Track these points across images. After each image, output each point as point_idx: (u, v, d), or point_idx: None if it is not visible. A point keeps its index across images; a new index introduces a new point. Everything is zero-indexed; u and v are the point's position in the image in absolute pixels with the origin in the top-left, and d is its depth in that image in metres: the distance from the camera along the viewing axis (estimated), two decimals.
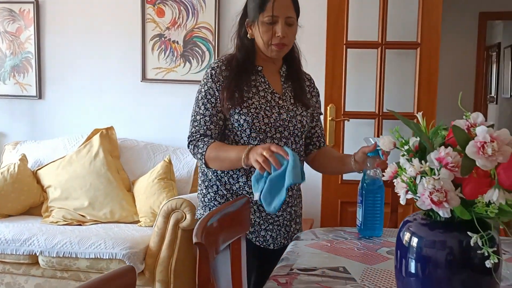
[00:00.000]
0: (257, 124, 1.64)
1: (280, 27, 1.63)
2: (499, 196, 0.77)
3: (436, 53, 2.99)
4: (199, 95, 1.69)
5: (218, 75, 1.67)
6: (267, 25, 1.64)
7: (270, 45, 1.65)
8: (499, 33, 8.45)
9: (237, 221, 1.33)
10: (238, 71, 1.67)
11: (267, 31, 1.64)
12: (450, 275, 0.88)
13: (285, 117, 1.69)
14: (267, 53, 1.68)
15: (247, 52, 1.70)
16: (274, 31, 1.64)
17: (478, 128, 0.80)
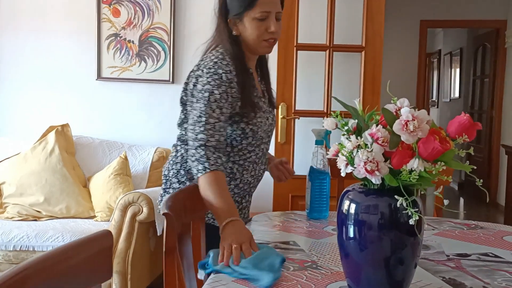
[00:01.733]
0: (259, 133, 1.67)
1: (272, 22, 1.61)
2: (419, 164, 0.94)
3: (380, 57, 3.21)
4: (211, 97, 1.55)
5: (232, 79, 1.58)
6: (258, 21, 1.60)
7: (261, 41, 1.62)
8: (440, 40, 8.93)
9: (197, 201, 1.45)
10: (244, 76, 1.62)
11: (259, 27, 1.60)
12: (381, 235, 1.03)
13: (271, 121, 1.75)
14: (257, 49, 1.65)
15: (241, 55, 1.65)
16: (266, 26, 1.61)
17: (402, 109, 0.97)
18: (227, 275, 1.17)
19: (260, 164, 1.76)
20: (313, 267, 1.25)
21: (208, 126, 1.54)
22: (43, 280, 0.80)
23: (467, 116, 0.99)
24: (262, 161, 1.77)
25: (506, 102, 5.99)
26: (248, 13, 1.60)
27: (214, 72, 1.57)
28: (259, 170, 1.77)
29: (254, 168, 1.73)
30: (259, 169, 1.76)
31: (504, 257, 1.36)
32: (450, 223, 1.73)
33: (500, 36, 6.05)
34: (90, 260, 0.91)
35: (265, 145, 1.76)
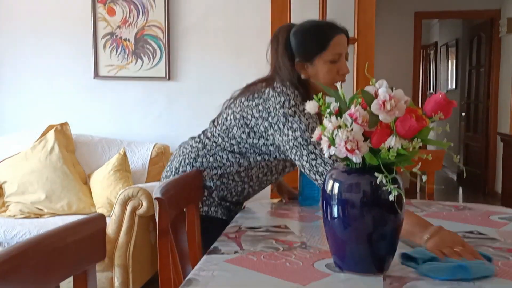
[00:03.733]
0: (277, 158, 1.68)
1: (344, 64, 1.60)
2: (396, 141, 0.98)
3: (372, 48, 3.24)
4: (292, 110, 1.53)
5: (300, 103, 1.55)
6: (330, 63, 1.58)
7: (332, 84, 1.51)
8: (436, 32, 8.96)
9: (192, 190, 1.50)
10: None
11: (331, 69, 1.58)
12: (364, 212, 1.08)
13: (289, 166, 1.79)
14: (328, 90, 1.50)
15: (308, 96, 1.56)
16: (337, 68, 1.59)
17: (380, 89, 1.01)
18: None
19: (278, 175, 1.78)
20: (302, 247, 1.29)
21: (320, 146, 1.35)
22: (39, 259, 0.84)
23: (443, 95, 1.03)
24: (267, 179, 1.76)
25: (501, 91, 6.03)
26: (321, 56, 1.58)
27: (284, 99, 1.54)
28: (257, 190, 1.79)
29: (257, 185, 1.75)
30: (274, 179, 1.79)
31: (488, 234, 1.41)
32: (439, 205, 1.77)
33: (494, 25, 6.08)
34: (84, 241, 0.96)
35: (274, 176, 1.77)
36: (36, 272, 0.81)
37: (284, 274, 1.10)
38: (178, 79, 3.44)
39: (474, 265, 1.07)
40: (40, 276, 0.82)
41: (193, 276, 1.08)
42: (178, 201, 1.39)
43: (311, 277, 1.09)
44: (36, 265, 0.82)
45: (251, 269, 1.14)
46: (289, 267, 1.15)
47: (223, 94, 3.34)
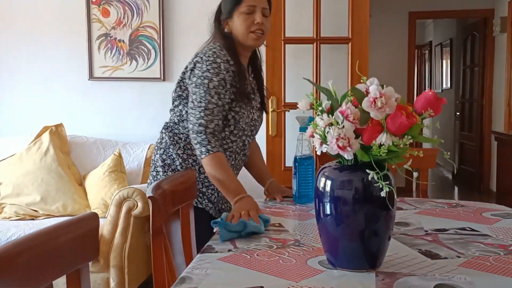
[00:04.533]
0: (241, 123, 1.78)
1: (258, 15, 1.76)
2: (387, 138, 0.99)
3: (366, 47, 3.26)
4: (209, 84, 1.70)
5: (229, 68, 1.73)
6: (245, 14, 1.76)
7: (249, 33, 1.76)
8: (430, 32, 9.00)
9: (186, 188, 1.50)
10: (239, 67, 1.76)
11: (246, 19, 1.76)
12: (356, 209, 1.09)
13: (256, 117, 1.87)
14: (245, 41, 1.78)
15: (235, 50, 1.79)
16: (252, 19, 1.76)
17: (370, 87, 1.02)
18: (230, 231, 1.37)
19: (242, 155, 1.89)
20: (295, 245, 1.30)
21: (207, 112, 1.69)
22: (32, 257, 0.84)
23: (432, 92, 1.04)
24: (243, 153, 1.89)
25: (495, 90, 6.06)
26: (237, 9, 1.77)
27: (213, 61, 1.72)
28: (239, 161, 1.89)
29: (235, 158, 1.85)
30: (239, 159, 1.88)
31: (480, 231, 1.42)
32: (432, 203, 1.78)
33: (488, 25, 6.11)
34: (77, 240, 0.96)
35: (247, 137, 1.87)
36: (29, 270, 0.81)
37: (278, 272, 1.11)
38: (173, 80, 3.43)
39: (251, 224, 1.39)
40: (33, 275, 0.82)
41: (186, 274, 1.09)
42: (172, 200, 1.39)
43: (304, 274, 1.09)
44: (29, 263, 0.82)
45: (244, 267, 1.15)
46: (283, 265, 1.15)
47: None
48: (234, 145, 1.82)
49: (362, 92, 1.04)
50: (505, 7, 5.58)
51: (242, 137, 1.83)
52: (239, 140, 1.82)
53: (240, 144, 1.84)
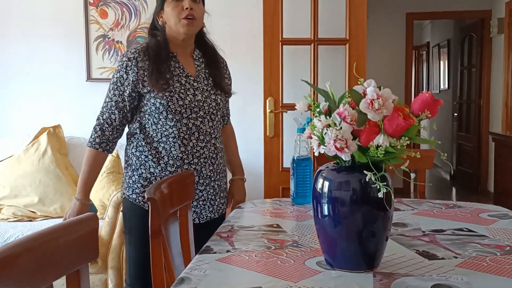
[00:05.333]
0: (172, 107, 1.77)
1: (187, 1, 1.78)
2: (384, 139, 1.00)
3: (363, 49, 3.26)
4: (111, 81, 1.82)
5: (133, 66, 1.78)
6: (174, 2, 1.78)
7: (180, 20, 1.78)
8: (428, 33, 9.02)
9: (184, 189, 1.51)
10: (155, 60, 1.78)
11: (175, 7, 1.78)
12: (354, 210, 1.09)
13: (200, 98, 1.83)
14: (178, 30, 1.80)
15: (160, 41, 1.82)
16: (181, 6, 1.78)
17: (368, 89, 1.03)
18: None
19: (194, 140, 1.82)
20: (293, 245, 1.31)
21: (104, 104, 1.83)
22: (32, 258, 0.85)
23: (429, 94, 1.05)
24: (195, 137, 1.83)
25: (493, 91, 6.08)
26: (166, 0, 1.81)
27: (120, 60, 1.82)
28: (194, 147, 1.82)
29: (184, 144, 1.81)
30: (193, 145, 1.82)
31: (477, 231, 1.42)
32: (429, 204, 1.79)
33: (485, 26, 6.13)
34: (77, 240, 0.97)
35: (191, 120, 1.81)
36: (29, 271, 0.81)
37: (276, 272, 1.12)
38: None
39: None
40: (33, 276, 0.82)
41: (185, 275, 1.09)
42: (171, 201, 1.40)
43: (302, 275, 1.10)
44: (29, 264, 0.83)
45: (243, 267, 1.15)
46: (281, 265, 1.16)
47: None
48: (174, 130, 1.79)
49: (360, 93, 1.05)
50: (502, 8, 5.60)
51: (183, 120, 1.79)
52: (180, 124, 1.79)
53: (183, 128, 1.80)
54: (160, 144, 1.81)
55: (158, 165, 1.80)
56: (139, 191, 1.82)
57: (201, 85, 1.87)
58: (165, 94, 1.77)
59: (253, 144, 3.45)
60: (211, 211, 1.87)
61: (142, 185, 1.82)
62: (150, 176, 1.82)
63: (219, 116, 1.92)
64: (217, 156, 1.90)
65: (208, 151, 1.86)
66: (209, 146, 1.86)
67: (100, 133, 1.82)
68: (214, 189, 1.89)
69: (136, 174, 1.84)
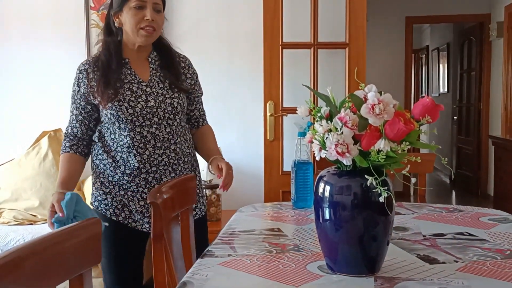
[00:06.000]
0: (122, 116, 1.72)
1: (149, 11, 1.71)
2: (385, 144, 1.01)
3: (363, 53, 3.28)
4: (72, 94, 1.81)
5: (84, 78, 1.76)
6: (135, 9, 1.71)
7: (139, 30, 1.72)
8: (427, 36, 9.04)
9: (185, 193, 1.51)
10: (104, 71, 1.74)
11: (135, 15, 1.71)
12: (355, 214, 1.10)
13: (153, 104, 1.76)
14: (135, 39, 1.74)
15: (112, 47, 1.77)
16: (142, 15, 1.71)
17: (369, 94, 1.03)
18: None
19: (150, 148, 1.76)
20: (294, 249, 1.31)
21: (69, 119, 1.82)
22: (36, 263, 0.85)
23: (430, 99, 1.06)
24: (151, 145, 1.76)
25: (492, 94, 6.09)
26: (127, 4, 1.73)
27: (75, 77, 1.81)
28: (151, 155, 1.76)
29: (139, 153, 1.75)
30: (150, 153, 1.76)
31: (478, 235, 1.43)
32: (430, 208, 1.80)
33: (485, 29, 6.14)
34: (80, 245, 0.97)
35: (145, 128, 1.75)
36: (33, 275, 0.82)
37: (277, 276, 1.12)
38: None
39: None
40: (38, 279, 0.83)
41: (187, 279, 1.10)
42: (173, 205, 1.40)
43: (303, 279, 1.10)
44: (33, 269, 0.83)
45: (244, 271, 1.16)
46: (282, 269, 1.16)
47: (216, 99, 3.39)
48: (128, 140, 1.74)
49: (361, 98, 1.06)
50: (502, 12, 5.62)
51: (136, 129, 1.74)
52: (133, 133, 1.74)
53: (137, 137, 1.74)
54: (117, 153, 1.77)
55: (116, 174, 1.78)
56: (101, 198, 1.81)
57: (155, 90, 1.79)
58: (114, 104, 1.71)
59: (253, 147, 3.46)
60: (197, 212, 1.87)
61: (104, 192, 1.80)
62: (109, 184, 1.79)
63: (178, 120, 1.82)
64: (179, 161, 1.82)
65: (168, 158, 1.79)
66: (168, 152, 1.79)
67: (69, 143, 1.81)
68: None
69: (98, 181, 1.83)
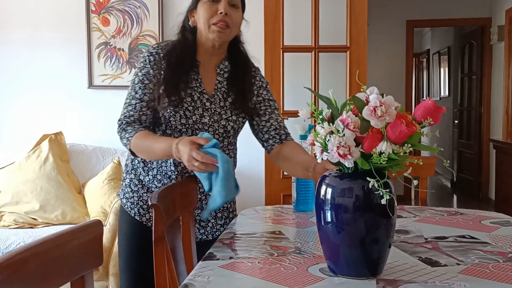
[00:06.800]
0: (173, 123, 1.59)
1: (223, 5, 1.56)
2: (387, 146, 1.00)
3: (364, 56, 3.28)
4: (135, 78, 1.61)
5: (157, 62, 1.60)
6: (209, 3, 1.57)
7: (211, 25, 1.57)
8: (428, 40, 9.05)
9: (186, 196, 1.51)
10: (175, 67, 1.59)
11: (209, 8, 1.57)
12: (357, 217, 1.10)
13: (207, 120, 1.61)
14: (207, 35, 1.59)
15: (188, 44, 1.63)
16: (216, 9, 1.57)
17: (371, 96, 1.03)
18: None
19: None
20: (296, 252, 1.31)
21: (129, 107, 1.58)
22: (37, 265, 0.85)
23: (432, 101, 1.05)
24: None
25: (493, 98, 6.09)
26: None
27: (142, 57, 1.62)
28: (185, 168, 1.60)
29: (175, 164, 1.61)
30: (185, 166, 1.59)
31: (480, 238, 1.42)
32: (432, 211, 1.79)
33: (486, 33, 6.15)
34: (82, 247, 0.97)
35: None
36: (34, 278, 0.82)
37: (279, 279, 1.12)
38: None
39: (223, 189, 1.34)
40: (39, 281, 0.83)
41: (188, 281, 1.09)
42: (174, 208, 1.40)
43: (305, 282, 1.10)
44: (34, 271, 0.83)
45: (246, 274, 1.15)
46: (284, 272, 1.16)
47: None
48: None
49: (363, 101, 1.06)
50: (502, 15, 5.63)
51: None
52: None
53: None
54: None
55: (147, 175, 1.65)
56: (128, 196, 1.69)
57: (214, 107, 1.63)
58: (175, 110, 1.57)
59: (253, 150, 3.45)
60: (202, 233, 1.69)
61: (131, 190, 1.69)
62: (138, 183, 1.67)
63: (226, 141, 1.66)
64: None
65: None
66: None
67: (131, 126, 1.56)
68: None
69: (128, 178, 1.71)
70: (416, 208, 1.85)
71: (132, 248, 1.68)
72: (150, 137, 1.53)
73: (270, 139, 1.69)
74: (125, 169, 1.74)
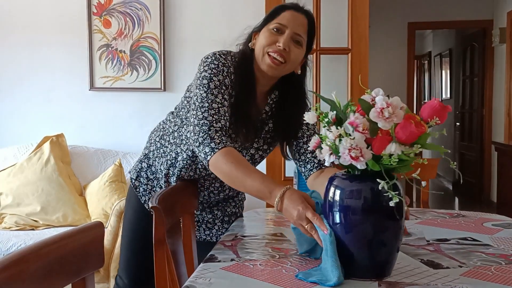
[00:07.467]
0: None
1: (284, 38, 1.47)
2: (396, 147, 1.00)
3: (366, 58, 3.28)
4: (210, 83, 1.47)
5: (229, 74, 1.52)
6: (272, 31, 1.49)
7: (265, 54, 1.49)
8: (429, 42, 9.04)
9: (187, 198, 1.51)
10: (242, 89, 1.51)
11: (269, 36, 1.49)
12: (365, 219, 1.09)
13: (237, 146, 1.55)
14: (259, 62, 1.51)
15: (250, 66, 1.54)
16: (276, 39, 1.48)
17: (377, 98, 1.03)
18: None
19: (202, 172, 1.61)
20: (298, 254, 1.30)
21: (211, 111, 1.43)
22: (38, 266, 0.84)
23: (437, 100, 1.05)
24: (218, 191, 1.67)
25: (495, 100, 6.08)
26: (267, 24, 1.53)
27: (211, 62, 1.50)
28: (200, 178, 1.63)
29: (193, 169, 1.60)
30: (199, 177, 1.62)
31: (482, 241, 1.42)
32: (433, 213, 1.79)
33: (487, 35, 6.15)
34: (83, 248, 0.96)
35: None
36: (35, 279, 0.81)
37: (281, 281, 1.11)
38: (173, 90, 3.45)
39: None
40: (39, 284, 0.82)
41: (190, 283, 1.09)
42: (174, 210, 1.39)
43: (306, 284, 1.09)
44: (35, 272, 0.82)
45: (247, 276, 1.15)
46: (286, 274, 1.15)
47: None
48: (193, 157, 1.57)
49: (369, 102, 1.05)
50: (504, 17, 5.63)
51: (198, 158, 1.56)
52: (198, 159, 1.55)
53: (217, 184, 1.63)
54: (178, 154, 1.59)
55: (167, 169, 1.61)
56: (143, 181, 1.68)
57: (258, 145, 1.60)
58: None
59: None
60: (207, 234, 1.74)
61: (147, 177, 1.68)
62: (155, 170, 1.66)
63: None
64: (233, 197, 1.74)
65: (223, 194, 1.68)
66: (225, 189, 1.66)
67: (219, 135, 1.42)
68: (214, 214, 1.73)
69: (145, 162, 1.69)
70: (418, 210, 1.84)
71: (136, 232, 1.71)
72: (242, 165, 1.36)
73: (308, 163, 1.58)
74: (143, 151, 1.72)
